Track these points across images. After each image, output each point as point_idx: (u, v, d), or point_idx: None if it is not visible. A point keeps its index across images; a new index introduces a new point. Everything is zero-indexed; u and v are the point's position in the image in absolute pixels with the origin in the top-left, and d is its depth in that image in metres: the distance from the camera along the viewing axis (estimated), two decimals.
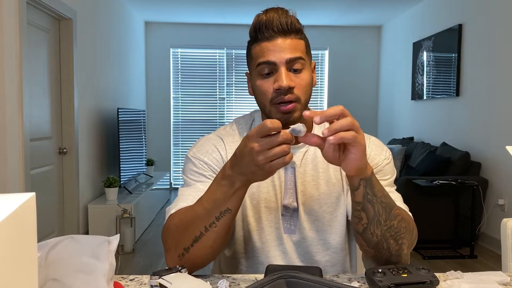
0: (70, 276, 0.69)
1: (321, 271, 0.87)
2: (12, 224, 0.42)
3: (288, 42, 0.95)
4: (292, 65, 0.95)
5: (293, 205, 1.04)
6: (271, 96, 0.96)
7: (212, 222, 0.86)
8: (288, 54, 0.94)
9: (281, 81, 0.93)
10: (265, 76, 0.96)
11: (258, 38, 0.96)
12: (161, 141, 6.60)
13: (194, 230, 0.87)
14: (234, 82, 6.63)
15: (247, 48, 1.02)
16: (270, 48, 0.94)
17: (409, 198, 3.69)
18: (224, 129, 1.11)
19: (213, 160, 1.03)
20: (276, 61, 0.94)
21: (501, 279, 0.89)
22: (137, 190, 4.53)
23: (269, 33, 0.95)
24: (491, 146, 3.88)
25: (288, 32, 0.95)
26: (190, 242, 0.88)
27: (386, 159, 1.05)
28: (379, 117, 6.75)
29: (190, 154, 1.05)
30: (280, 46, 0.94)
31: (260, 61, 0.96)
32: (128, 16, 5.48)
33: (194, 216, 0.88)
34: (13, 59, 2.68)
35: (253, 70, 0.99)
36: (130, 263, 3.45)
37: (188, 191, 0.99)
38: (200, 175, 1.01)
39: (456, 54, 4.39)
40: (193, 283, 0.76)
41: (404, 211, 0.96)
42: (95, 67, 4.23)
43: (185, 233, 0.89)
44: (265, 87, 0.97)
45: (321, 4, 5.34)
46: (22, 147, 2.78)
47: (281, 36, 0.95)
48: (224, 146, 1.05)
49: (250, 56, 1.00)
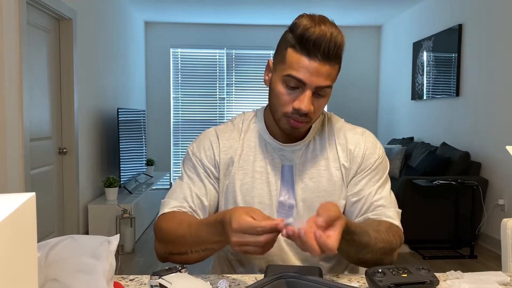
0: (70, 276, 0.69)
1: (321, 271, 0.87)
2: (12, 224, 0.42)
3: (325, 69, 0.93)
4: (319, 90, 0.95)
5: (289, 201, 1.04)
6: (287, 110, 0.97)
7: (197, 250, 0.94)
8: (320, 82, 0.94)
9: (303, 105, 0.94)
10: (289, 88, 0.96)
11: (300, 47, 0.93)
12: (161, 141, 6.59)
13: (180, 247, 0.96)
14: (234, 82, 6.62)
15: (282, 42, 0.99)
16: (307, 67, 0.93)
17: (409, 198, 3.73)
18: (226, 124, 1.14)
19: (207, 158, 1.08)
20: (306, 83, 0.94)
21: (501, 279, 0.89)
22: (137, 190, 4.53)
23: (313, 52, 0.92)
24: (491, 146, 3.88)
25: (331, 58, 0.93)
26: (176, 252, 0.97)
27: (380, 158, 1.08)
28: (379, 117, 6.75)
29: (190, 149, 1.11)
30: (316, 71, 0.93)
31: (291, 74, 0.94)
32: (128, 16, 5.48)
33: (183, 236, 0.95)
34: (13, 59, 2.68)
35: (279, 71, 0.98)
36: (130, 263, 3.45)
37: (180, 187, 1.07)
38: (194, 171, 1.08)
39: (456, 54, 4.39)
40: (193, 283, 0.76)
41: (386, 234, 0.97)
42: (95, 67, 4.23)
43: (173, 243, 0.97)
44: (286, 99, 0.97)
45: (321, 4, 5.34)
46: (22, 147, 2.78)
47: (322, 61, 0.92)
48: (218, 143, 1.09)
49: (282, 55, 0.97)
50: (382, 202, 1.03)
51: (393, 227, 1.01)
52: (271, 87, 1.01)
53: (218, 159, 1.08)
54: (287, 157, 1.06)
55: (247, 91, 6.65)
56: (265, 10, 5.63)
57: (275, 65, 1.00)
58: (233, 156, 1.07)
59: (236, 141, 1.09)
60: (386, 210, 1.03)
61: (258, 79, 6.62)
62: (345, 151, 1.07)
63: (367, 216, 1.02)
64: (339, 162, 1.06)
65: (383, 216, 1.02)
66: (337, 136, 1.08)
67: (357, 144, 1.07)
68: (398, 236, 1.00)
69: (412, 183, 3.71)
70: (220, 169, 1.08)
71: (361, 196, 1.04)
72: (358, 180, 1.05)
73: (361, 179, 1.05)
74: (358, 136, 1.08)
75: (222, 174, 1.08)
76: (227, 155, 1.08)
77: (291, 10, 5.58)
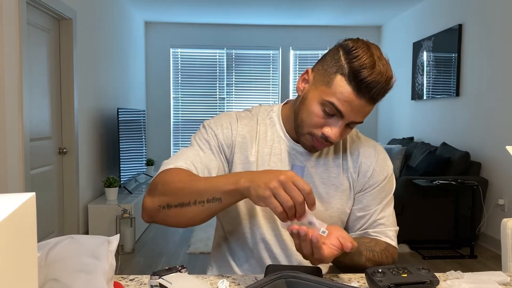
0: (70, 276, 0.69)
1: (321, 271, 0.87)
2: (12, 224, 0.42)
3: (368, 109, 0.94)
4: (352, 124, 0.96)
5: None
6: (315, 131, 0.97)
7: (202, 201, 0.86)
8: (358, 118, 0.95)
9: (333, 135, 0.95)
10: (325, 112, 0.95)
11: (352, 82, 0.91)
12: (161, 141, 6.60)
13: (184, 196, 0.88)
14: (234, 82, 6.62)
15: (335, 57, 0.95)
16: (352, 103, 0.92)
17: (409, 198, 3.72)
18: (244, 111, 1.12)
19: (223, 135, 1.04)
20: (345, 116, 0.94)
21: (501, 279, 0.89)
22: (137, 190, 4.53)
23: (364, 92, 0.91)
24: (491, 146, 3.88)
25: (377, 100, 0.94)
26: (175, 204, 0.89)
27: (388, 177, 1.08)
28: (379, 117, 6.75)
29: (206, 123, 1.07)
30: (358, 109, 0.93)
31: (334, 103, 0.93)
32: (128, 16, 5.48)
33: (190, 186, 0.88)
34: (13, 59, 2.68)
35: (321, 92, 0.95)
36: (130, 263, 3.45)
37: (189, 152, 1.00)
38: (206, 142, 1.03)
39: (456, 54, 4.39)
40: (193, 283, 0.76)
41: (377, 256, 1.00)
42: (95, 67, 4.23)
43: (175, 193, 0.89)
44: (318, 122, 0.96)
45: (321, 4, 5.34)
46: (22, 147, 2.78)
47: (369, 102, 0.93)
48: (237, 125, 1.06)
49: (330, 78, 0.94)
50: (384, 221, 1.06)
51: (389, 248, 1.04)
52: (305, 100, 0.98)
53: (234, 140, 1.04)
54: (298, 158, 1.06)
55: (247, 91, 6.65)
56: (265, 10, 5.63)
57: (317, 82, 0.97)
58: (250, 143, 1.05)
59: (254, 130, 1.07)
60: (387, 229, 1.06)
61: (258, 79, 6.62)
62: (356, 162, 1.07)
63: (368, 232, 1.06)
64: (349, 172, 1.07)
65: (383, 236, 1.05)
66: (350, 146, 1.09)
67: (368, 158, 1.07)
68: (391, 258, 1.03)
69: (412, 183, 3.71)
70: (235, 151, 1.04)
71: (367, 212, 1.06)
72: (365, 195, 1.06)
73: (369, 194, 1.06)
74: (370, 150, 1.09)
75: (237, 157, 1.04)
76: (244, 139, 1.05)
77: (291, 10, 5.58)
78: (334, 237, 0.84)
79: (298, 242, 0.81)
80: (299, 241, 0.81)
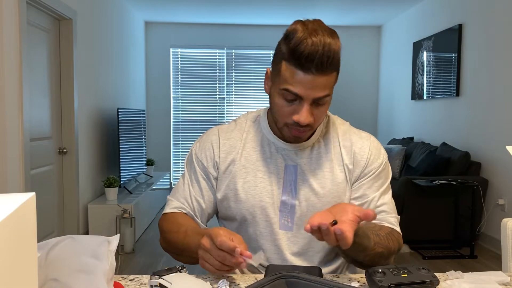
0: (70, 276, 0.69)
1: (321, 271, 0.87)
2: (12, 224, 0.42)
3: (321, 81, 0.92)
4: (317, 100, 0.95)
5: (291, 201, 1.05)
6: (288, 121, 0.98)
7: (186, 255, 0.99)
8: (317, 93, 0.93)
9: (302, 118, 0.95)
10: (288, 100, 0.96)
11: (293, 61, 0.91)
12: (161, 141, 6.60)
13: (174, 247, 1.04)
14: (234, 82, 6.62)
15: (278, 46, 0.97)
16: (302, 81, 0.92)
17: (409, 198, 3.72)
18: (230, 124, 1.15)
19: (207, 158, 1.10)
20: (303, 96, 0.93)
21: (501, 279, 0.89)
22: (137, 190, 4.53)
23: (307, 66, 0.90)
24: (491, 146, 3.87)
25: (325, 69, 0.91)
26: (172, 251, 1.07)
27: (383, 165, 1.08)
28: (379, 117, 6.75)
29: (193, 150, 1.13)
30: (312, 84, 0.92)
31: (287, 88, 0.94)
32: (128, 16, 5.48)
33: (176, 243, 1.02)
34: (13, 59, 2.68)
35: (276, 84, 0.97)
36: (130, 263, 3.45)
37: (182, 187, 1.12)
38: (194, 172, 1.11)
39: (456, 54, 4.39)
40: (193, 283, 0.76)
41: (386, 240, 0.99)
42: (95, 67, 4.23)
43: (169, 243, 1.06)
44: (285, 111, 0.97)
45: (321, 4, 5.34)
46: (22, 147, 2.78)
47: (316, 74, 0.91)
48: (218, 143, 1.10)
49: (278, 68, 0.96)
50: (385, 208, 1.06)
51: (393, 233, 1.02)
52: (270, 97, 1.02)
53: (217, 159, 1.09)
54: (291, 157, 1.06)
55: (247, 91, 6.65)
56: (265, 10, 5.63)
57: (273, 77, 1.00)
58: (235, 155, 1.08)
59: (237, 140, 1.10)
60: (388, 216, 1.05)
61: (258, 79, 6.61)
62: (349, 153, 1.07)
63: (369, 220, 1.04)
64: (343, 163, 1.07)
65: (385, 222, 1.04)
66: (342, 139, 1.09)
67: (362, 147, 1.08)
68: (397, 243, 1.02)
69: (412, 183, 3.71)
70: (220, 168, 1.09)
71: (365, 200, 1.05)
72: (361, 184, 1.06)
73: (365, 183, 1.06)
74: (363, 140, 1.09)
75: (222, 173, 1.08)
76: (228, 154, 1.08)
77: (291, 10, 5.58)
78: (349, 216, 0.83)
79: (320, 236, 0.83)
80: (321, 235, 0.82)
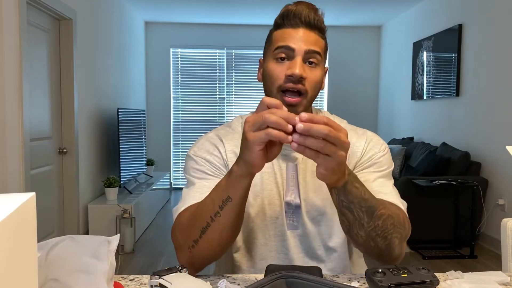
0: (70, 276, 0.69)
1: (321, 271, 0.87)
2: (12, 224, 0.42)
3: (311, 35, 0.97)
4: (309, 57, 0.96)
5: (295, 201, 1.04)
6: (281, 82, 0.96)
7: (217, 212, 0.86)
8: (309, 45, 0.95)
9: (295, 69, 0.94)
10: (279, 60, 0.97)
11: (283, 24, 0.98)
12: (161, 141, 6.60)
13: (201, 221, 0.88)
14: (234, 82, 6.63)
15: (268, 35, 1.03)
16: (293, 35, 0.96)
17: (409, 198, 3.69)
18: (223, 128, 1.11)
19: (214, 158, 1.04)
20: (295, 48, 0.95)
21: (501, 279, 0.89)
22: (137, 190, 4.53)
23: (295, 21, 0.96)
24: (491, 146, 3.88)
25: (313, 26, 0.97)
26: (199, 234, 0.89)
27: (382, 151, 1.06)
28: (379, 117, 6.75)
29: (191, 153, 1.05)
30: (302, 36, 0.96)
31: (279, 45, 0.96)
32: (128, 16, 5.48)
33: (201, 207, 0.89)
34: (13, 59, 2.68)
35: (269, 54, 1.00)
36: (130, 263, 3.45)
37: (193, 189, 0.99)
38: (202, 172, 1.02)
39: (456, 54, 4.39)
40: (193, 283, 0.76)
41: (391, 207, 0.93)
42: (95, 67, 4.23)
43: (193, 225, 0.89)
44: (278, 71, 0.96)
45: (321, 4, 5.34)
46: (22, 147, 2.78)
47: (306, 28, 0.97)
48: (223, 144, 1.05)
49: (269, 41, 1.01)
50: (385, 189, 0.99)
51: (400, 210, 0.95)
52: (264, 74, 1.01)
53: (226, 158, 1.04)
54: (289, 155, 1.06)
55: (247, 91, 6.65)
56: (265, 10, 5.63)
57: (265, 56, 1.02)
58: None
59: (238, 143, 1.07)
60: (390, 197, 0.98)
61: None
62: None
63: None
64: None
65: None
66: None
67: (358, 139, 1.06)
68: (407, 220, 0.95)
69: (412, 183, 3.71)
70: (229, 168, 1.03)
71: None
72: (360, 174, 1.02)
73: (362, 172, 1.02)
74: (359, 135, 1.08)
75: None
76: (234, 155, 1.04)
77: None
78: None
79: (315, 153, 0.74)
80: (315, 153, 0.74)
